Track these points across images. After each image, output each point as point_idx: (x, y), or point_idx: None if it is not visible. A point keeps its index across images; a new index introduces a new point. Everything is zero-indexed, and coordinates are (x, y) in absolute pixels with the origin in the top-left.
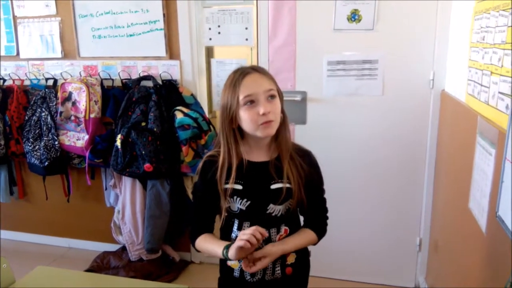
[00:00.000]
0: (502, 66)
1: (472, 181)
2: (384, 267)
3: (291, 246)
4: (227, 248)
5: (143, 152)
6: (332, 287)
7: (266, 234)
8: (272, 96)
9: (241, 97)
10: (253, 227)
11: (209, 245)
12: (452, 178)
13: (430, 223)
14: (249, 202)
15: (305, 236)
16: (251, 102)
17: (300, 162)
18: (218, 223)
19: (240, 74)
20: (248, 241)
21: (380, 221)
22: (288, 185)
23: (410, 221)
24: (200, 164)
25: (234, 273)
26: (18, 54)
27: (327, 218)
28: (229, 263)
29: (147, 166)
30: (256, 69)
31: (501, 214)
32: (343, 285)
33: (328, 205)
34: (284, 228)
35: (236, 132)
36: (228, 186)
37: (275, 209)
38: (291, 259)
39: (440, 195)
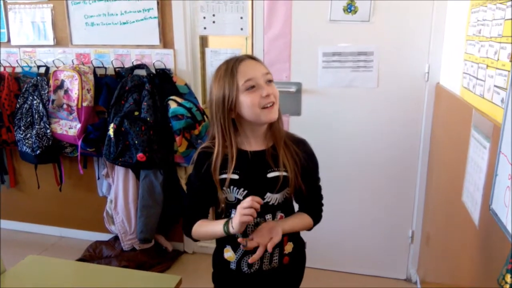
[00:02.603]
0: (498, 59)
1: (465, 174)
2: (376, 258)
3: (288, 224)
4: (226, 224)
5: (136, 142)
6: (324, 278)
7: (262, 202)
8: (270, 80)
9: (241, 83)
10: (249, 199)
11: (206, 227)
12: (445, 171)
13: (423, 216)
14: (246, 192)
15: (301, 218)
16: (252, 86)
17: (295, 150)
18: (211, 216)
19: (236, 61)
20: (251, 215)
21: (372, 213)
22: (284, 173)
23: (403, 213)
24: (195, 156)
25: (231, 266)
26: (9, 40)
27: (322, 205)
28: (226, 255)
29: (140, 155)
30: (249, 56)
31: (495, 207)
32: (335, 276)
33: None
34: (279, 215)
35: (235, 122)
36: (225, 176)
37: (272, 197)
38: (288, 249)
39: (433, 188)
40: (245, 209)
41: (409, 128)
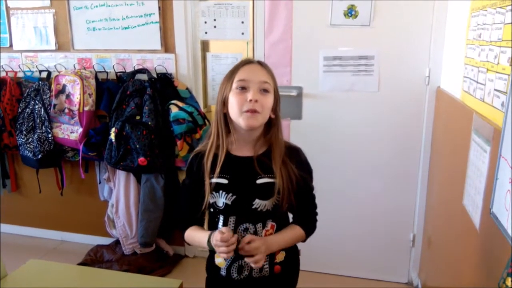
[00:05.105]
0: (498, 63)
1: (466, 178)
2: (377, 262)
3: (276, 243)
4: (209, 239)
5: (137, 146)
6: (325, 282)
7: (231, 234)
8: (266, 90)
9: (235, 81)
10: (218, 237)
11: (195, 235)
12: (446, 174)
13: (424, 219)
14: (234, 197)
15: (291, 233)
16: (243, 88)
17: (288, 160)
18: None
19: (242, 61)
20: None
21: (374, 217)
22: (274, 180)
23: (404, 217)
24: (189, 159)
25: (221, 272)
26: (11, 45)
27: (316, 214)
28: (216, 261)
29: (141, 160)
30: (259, 62)
31: (495, 211)
32: (336, 280)
33: (321, 200)
34: (270, 224)
35: (228, 118)
36: (213, 180)
37: (261, 204)
38: (280, 257)
39: (434, 192)
40: (219, 247)
41: (410, 132)
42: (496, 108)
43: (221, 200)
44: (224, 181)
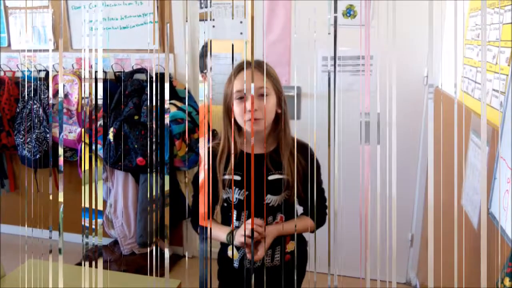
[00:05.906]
0: (496, 63)
1: (465, 177)
2: (375, 262)
3: (287, 227)
4: (229, 235)
5: (136, 146)
6: (324, 281)
7: (262, 224)
8: (263, 94)
9: (234, 91)
10: (259, 222)
11: (212, 229)
12: (444, 174)
13: (422, 219)
14: (247, 193)
15: (301, 221)
16: (241, 97)
17: (298, 156)
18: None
19: (237, 67)
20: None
21: (372, 216)
22: (285, 177)
23: (402, 217)
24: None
25: (234, 264)
26: (9, 45)
27: (325, 207)
28: (229, 254)
29: (139, 160)
30: (254, 65)
31: (493, 211)
32: (333, 279)
33: None
34: (280, 216)
35: (233, 123)
36: (226, 177)
37: (272, 199)
38: (290, 247)
39: (432, 191)
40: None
41: (408, 132)
42: (494, 108)
43: (234, 195)
44: (237, 177)
